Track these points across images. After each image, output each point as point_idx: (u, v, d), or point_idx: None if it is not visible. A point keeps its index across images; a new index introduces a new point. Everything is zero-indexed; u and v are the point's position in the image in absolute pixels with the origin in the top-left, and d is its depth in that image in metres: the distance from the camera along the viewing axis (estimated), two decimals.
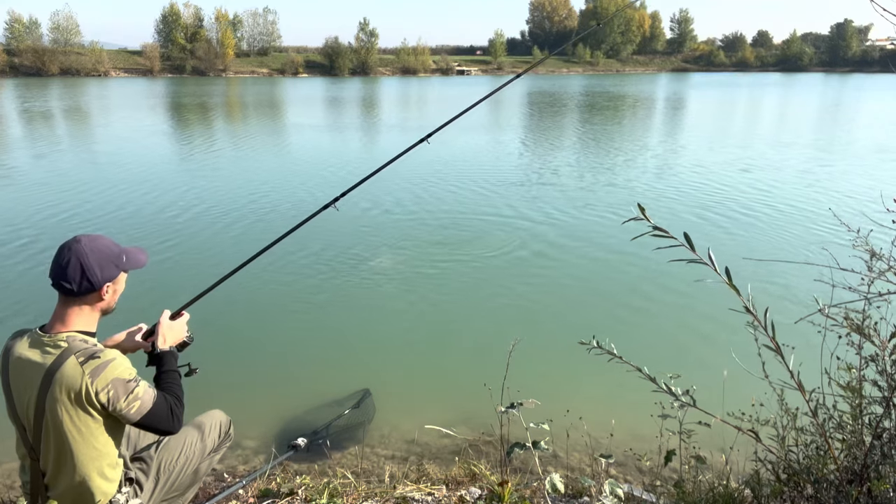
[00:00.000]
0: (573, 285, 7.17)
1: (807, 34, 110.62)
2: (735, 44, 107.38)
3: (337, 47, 78.95)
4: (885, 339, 1.81)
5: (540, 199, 11.14)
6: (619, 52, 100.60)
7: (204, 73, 70.79)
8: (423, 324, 6.21)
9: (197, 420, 2.56)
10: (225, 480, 3.56)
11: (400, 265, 7.68)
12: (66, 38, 71.18)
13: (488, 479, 3.18)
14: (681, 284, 6.73)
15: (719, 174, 13.51)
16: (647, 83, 61.61)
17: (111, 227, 9.33)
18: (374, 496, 2.97)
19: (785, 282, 6.81)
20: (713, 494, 2.21)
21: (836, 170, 14.23)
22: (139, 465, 2.31)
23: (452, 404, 4.72)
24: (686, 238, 1.65)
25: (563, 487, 2.01)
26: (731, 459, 2.77)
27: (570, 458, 3.93)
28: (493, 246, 8.45)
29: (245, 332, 5.91)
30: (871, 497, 1.73)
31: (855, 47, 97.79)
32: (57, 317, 1.98)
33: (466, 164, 14.73)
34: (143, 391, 1.97)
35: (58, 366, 1.88)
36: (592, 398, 4.67)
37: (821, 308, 1.80)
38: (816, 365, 1.93)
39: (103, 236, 2.06)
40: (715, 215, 10.04)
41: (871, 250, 1.91)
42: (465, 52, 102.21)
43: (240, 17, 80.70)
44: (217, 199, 11.15)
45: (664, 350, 5.58)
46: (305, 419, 4.47)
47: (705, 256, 1.66)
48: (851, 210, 10.03)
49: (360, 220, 9.71)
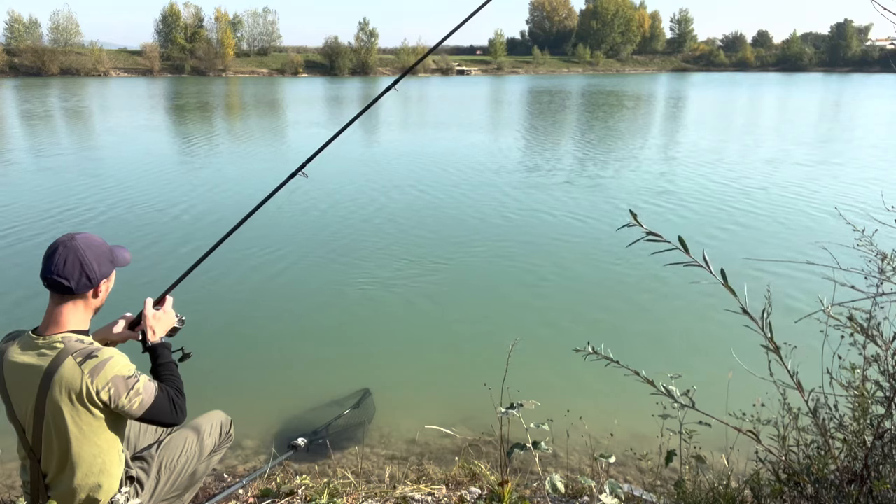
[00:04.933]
0: (574, 285, 7.17)
1: (807, 34, 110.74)
2: (735, 44, 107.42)
3: (337, 47, 78.93)
4: (888, 339, 1.81)
5: (540, 199, 11.13)
6: (618, 52, 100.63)
7: (204, 73, 70.78)
8: (424, 324, 6.21)
9: (197, 420, 2.56)
10: (225, 480, 3.56)
11: (400, 265, 7.67)
12: (66, 38, 71.20)
13: (488, 479, 3.18)
14: (683, 284, 6.73)
15: (719, 173, 13.50)
16: (648, 83, 61.63)
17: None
18: (374, 496, 2.96)
19: (786, 282, 6.80)
20: (713, 494, 2.21)
21: (835, 169, 14.22)
22: (140, 465, 2.30)
23: (452, 404, 4.72)
24: (681, 241, 1.65)
25: (564, 487, 2.01)
26: (731, 459, 2.77)
27: (570, 458, 3.92)
28: (493, 246, 8.45)
29: (245, 333, 5.90)
30: (872, 497, 1.73)
31: (855, 47, 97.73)
32: (50, 318, 1.96)
33: (466, 164, 14.72)
34: (144, 386, 1.96)
35: (56, 367, 1.87)
36: (592, 398, 4.67)
37: (824, 308, 1.80)
38: (819, 365, 1.92)
39: (92, 234, 2.04)
40: (715, 215, 10.03)
41: (882, 252, 1.91)
42: (465, 52, 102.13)
43: (240, 17, 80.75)
44: (198, 192, 11.18)
45: (667, 350, 5.58)
46: (305, 419, 4.47)
47: (701, 259, 1.66)
48: (852, 210, 10.02)
49: (359, 221, 9.71)
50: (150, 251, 8.13)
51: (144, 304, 2.25)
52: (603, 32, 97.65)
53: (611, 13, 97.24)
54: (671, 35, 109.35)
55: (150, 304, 2.26)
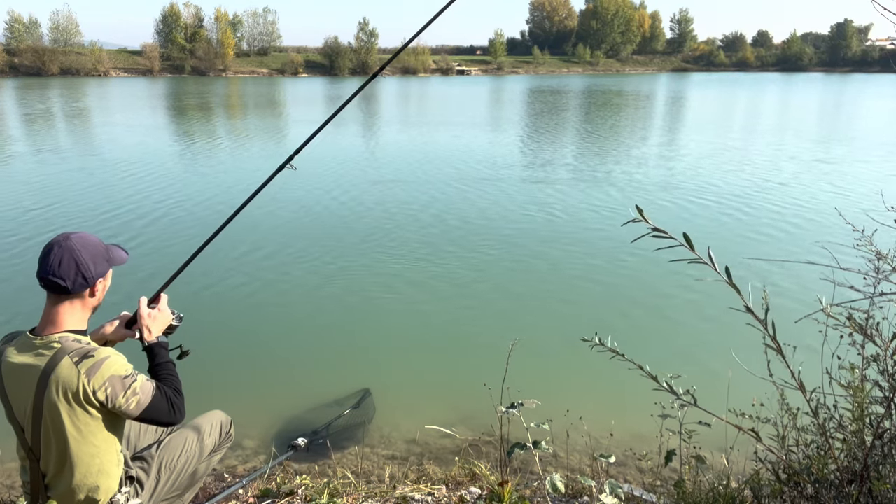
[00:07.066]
0: (574, 284, 7.16)
1: (807, 34, 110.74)
2: (735, 44, 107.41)
3: (337, 47, 78.98)
4: (887, 339, 1.81)
5: (540, 198, 11.13)
6: (618, 52, 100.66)
7: (204, 73, 70.80)
8: (423, 324, 6.21)
9: (197, 420, 2.56)
10: (225, 480, 3.56)
11: (400, 265, 7.68)
12: (66, 38, 71.29)
13: (488, 479, 3.18)
14: (684, 284, 6.73)
15: (720, 173, 13.50)
16: (648, 82, 61.62)
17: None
18: (374, 496, 2.96)
19: (786, 281, 6.81)
20: (713, 494, 2.21)
21: (835, 169, 14.22)
22: (140, 465, 2.30)
23: (452, 404, 4.72)
24: (686, 238, 1.65)
25: (564, 487, 2.01)
26: (731, 459, 2.77)
27: (571, 458, 3.92)
28: (493, 245, 8.44)
29: (245, 333, 5.90)
30: (872, 497, 1.73)
31: (855, 47, 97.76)
32: (47, 318, 1.95)
33: (466, 163, 14.71)
34: (141, 386, 1.95)
35: (52, 367, 1.86)
36: (593, 398, 4.66)
37: (823, 308, 1.80)
38: (818, 365, 1.92)
39: (88, 233, 2.03)
40: (715, 214, 10.03)
41: (879, 252, 1.91)
42: (466, 52, 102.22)
43: (240, 17, 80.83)
44: (196, 190, 11.19)
45: (667, 350, 5.57)
46: (305, 419, 4.47)
47: (705, 256, 1.66)
48: (852, 209, 10.02)
49: (359, 221, 9.72)
50: (147, 249, 8.14)
51: (139, 303, 2.23)
52: (603, 32, 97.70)
53: (611, 13, 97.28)
54: (671, 35, 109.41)
55: (145, 303, 2.24)
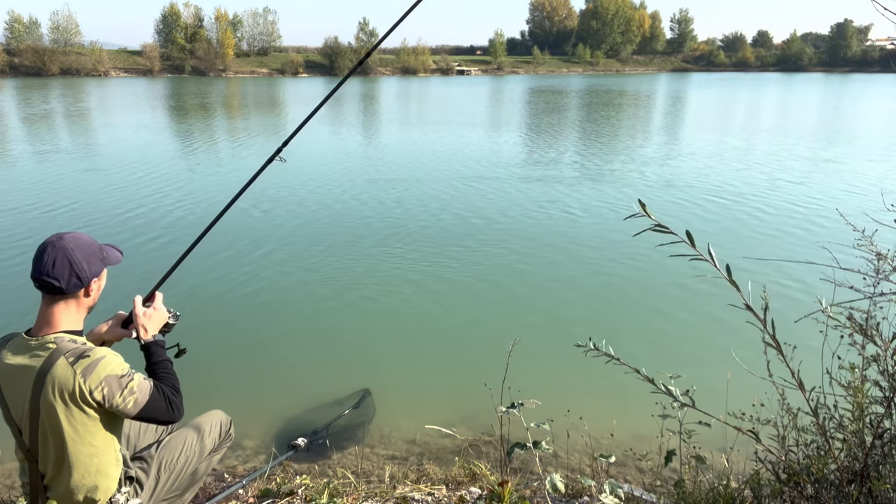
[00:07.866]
0: (574, 284, 7.16)
1: (807, 34, 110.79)
2: (735, 44, 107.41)
3: (337, 47, 78.96)
4: (887, 339, 1.81)
5: (540, 198, 11.13)
6: (618, 52, 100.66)
7: (204, 73, 70.81)
8: (423, 324, 6.21)
9: (197, 420, 2.56)
10: (225, 480, 3.56)
11: (400, 265, 7.67)
12: (66, 38, 71.26)
13: (488, 479, 3.18)
14: (684, 284, 6.73)
15: (720, 173, 13.50)
16: (648, 82, 61.62)
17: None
18: (374, 496, 2.96)
19: (786, 281, 6.80)
20: (713, 494, 2.21)
21: (836, 169, 14.22)
22: (139, 465, 2.30)
23: (452, 404, 4.72)
24: (688, 235, 1.65)
25: (564, 487, 2.01)
26: (731, 459, 2.77)
27: (571, 458, 3.92)
28: (493, 245, 8.44)
29: (245, 333, 5.90)
30: (872, 497, 1.73)
31: (855, 47, 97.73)
32: (42, 319, 1.95)
33: (465, 163, 14.71)
34: (138, 385, 1.95)
35: (48, 368, 1.86)
36: (593, 398, 4.67)
37: (823, 308, 1.80)
38: (818, 365, 1.92)
39: (82, 233, 2.03)
40: (715, 214, 10.03)
41: (878, 252, 1.91)
42: (466, 52, 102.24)
43: (240, 17, 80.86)
44: (193, 188, 11.19)
45: (667, 349, 5.58)
46: (305, 419, 4.47)
47: (706, 253, 1.66)
48: (853, 209, 10.02)
49: (359, 220, 9.71)
50: (143, 248, 8.13)
51: (134, 302, 2.23)
52: (603, 32, 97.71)
53: (611, 13, 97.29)
54: (671, 35, 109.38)
55: (140, 301, 2.24)
